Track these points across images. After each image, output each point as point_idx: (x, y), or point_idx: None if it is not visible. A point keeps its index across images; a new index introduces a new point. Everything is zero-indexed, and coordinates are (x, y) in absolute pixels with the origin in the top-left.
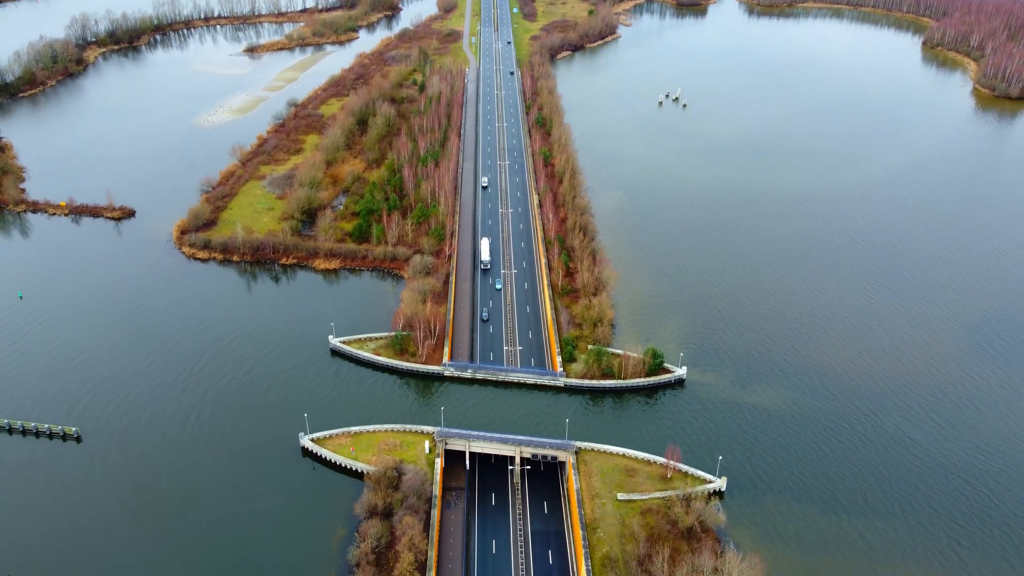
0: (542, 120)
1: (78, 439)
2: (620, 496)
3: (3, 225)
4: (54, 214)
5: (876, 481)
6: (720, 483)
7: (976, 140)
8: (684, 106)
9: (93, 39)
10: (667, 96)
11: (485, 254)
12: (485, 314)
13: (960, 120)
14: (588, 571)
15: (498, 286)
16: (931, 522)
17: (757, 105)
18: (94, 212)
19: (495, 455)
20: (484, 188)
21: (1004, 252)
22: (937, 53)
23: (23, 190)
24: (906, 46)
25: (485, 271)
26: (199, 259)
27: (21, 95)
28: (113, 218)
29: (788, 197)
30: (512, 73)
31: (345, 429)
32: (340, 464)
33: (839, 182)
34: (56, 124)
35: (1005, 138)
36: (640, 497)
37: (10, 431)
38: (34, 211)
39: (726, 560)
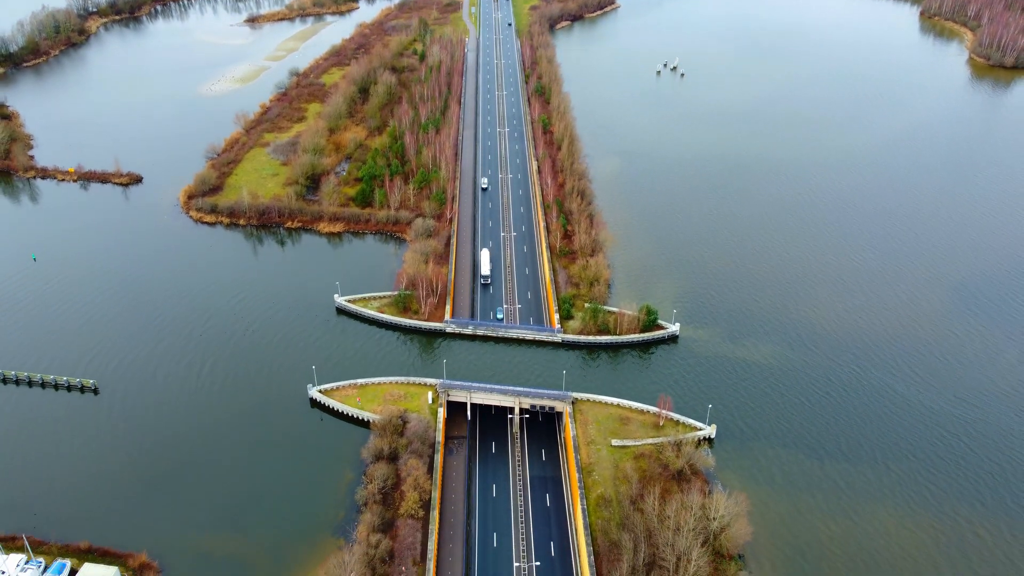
0: (541, 88)
1: (95, 391)
2: (614, 442)
3: (14, 191)
4: (63, 180)
5: (858, 429)
6: (710, 430)
7: (970, 109)
8: (682, 75)
9: (94, 9)
10: (665, 65)
11: (485, 267)
12: None
13: (955, 89)
14: (584, 510)
15: (499, 315)
16: (908, 467)
17: (754, 75)
18: (102, 178)
19: (495, 406)
20: (484, 190)
21: (991, 216)
22: (935, 23)
23: (32, 157)
24: (904, 16)
25: (485, 286)
26: (206, 223)
27: (25, 65)
28: (121, 184)
29: (782, 164)
30: (510, 24)
31: (351, 381)
32: (347, 414)
33: (833, 149)
34: (61, 93)
35: (998, 107)
36: (633, 443)
37: (30, 384)
38: (43, 177)
39: (714, 498)
